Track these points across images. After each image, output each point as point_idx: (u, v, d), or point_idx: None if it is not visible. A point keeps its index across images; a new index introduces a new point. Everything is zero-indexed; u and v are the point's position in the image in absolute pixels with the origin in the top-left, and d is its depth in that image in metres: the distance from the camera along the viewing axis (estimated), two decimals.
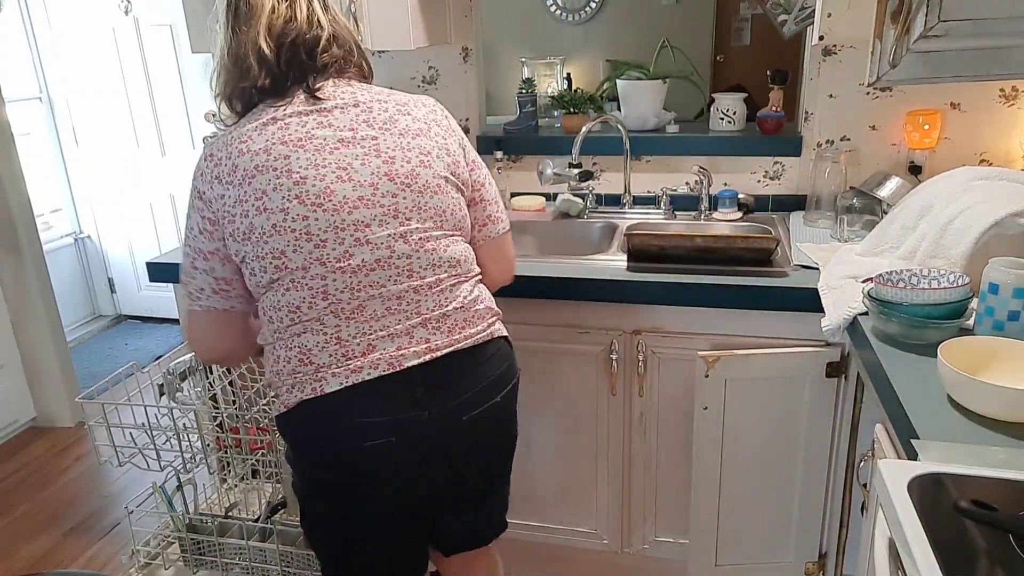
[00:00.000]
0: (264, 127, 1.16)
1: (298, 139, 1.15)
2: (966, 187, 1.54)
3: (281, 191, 1.13)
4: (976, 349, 1.16)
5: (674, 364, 1.79)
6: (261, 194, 1.13)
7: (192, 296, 1.24)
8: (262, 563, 1.69)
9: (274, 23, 1.18)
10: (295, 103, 1.19)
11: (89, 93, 3.82)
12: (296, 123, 1.17)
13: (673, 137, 2.30)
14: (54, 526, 2.50)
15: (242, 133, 1.17)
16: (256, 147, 1.15)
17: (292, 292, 1.15)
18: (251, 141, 1.15)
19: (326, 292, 1.15)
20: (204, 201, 1.18)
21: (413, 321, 1.18)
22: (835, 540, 1.80)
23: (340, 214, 1.14)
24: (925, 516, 0.82)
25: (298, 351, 1.16)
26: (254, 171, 1.14)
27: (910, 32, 1.33)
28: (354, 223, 1.14)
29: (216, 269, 1.20)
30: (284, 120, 1.17)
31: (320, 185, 1.14)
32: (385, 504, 1.25)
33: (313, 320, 1.15)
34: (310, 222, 1.13)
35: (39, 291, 3.03)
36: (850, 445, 1.69)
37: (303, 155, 1.14)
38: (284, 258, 1.14)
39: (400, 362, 1.16)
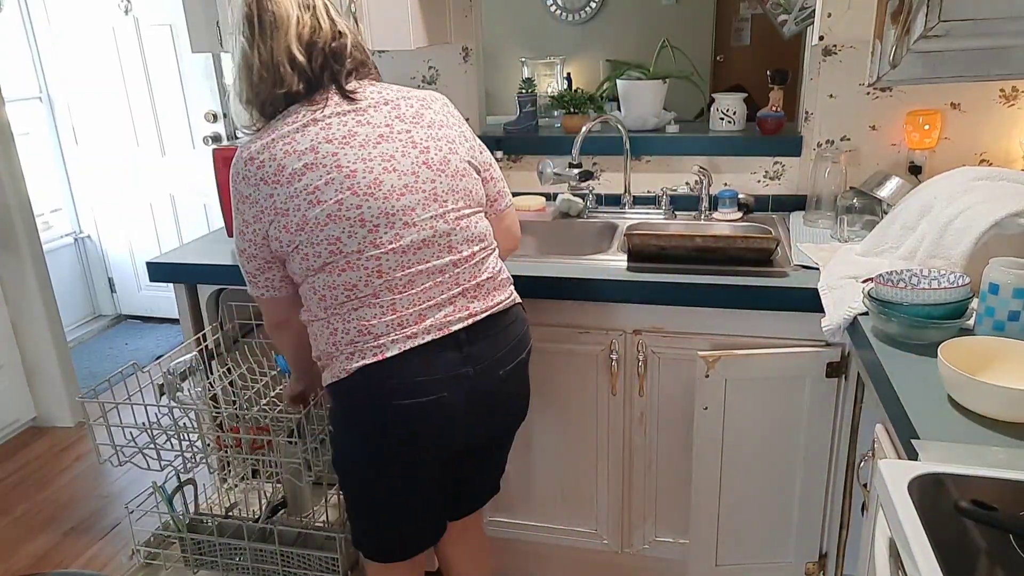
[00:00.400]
0: (305, 128, 1.29)
1: (342, 137, 1.29)
2: (966, 187, 1.54)
3: (334, 184, 1.26)
4: (976, 349, 1.16)
5: (674, 364, 1.79)
6: (313, 189, 1.26)
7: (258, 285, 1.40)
8: (262, 563, 1.69)
9: (302, 32, 1.31)
10: (331, 105, 1.31)
11: (89, 93, 3.82)
12: (337, 123, 1.30)
13: (673, 137, 2.30)
14: (54, 526, 2.50)
15: (283, 135, 1.29)
16: (302, 147, 1.27)
17: (348, 272, 1.28)
18: (295, 142, 1.28)
19: (380, 271, 1.28)
20: (249, 201, 1.31)
21: (455, 291, 1.33)
22: (835, 540, 1.80)
23: (390, 201, 1.28)
24: (925, 516, 0.82)
25: (357, 323, 1.29)
26: (303, 169, 1.27)
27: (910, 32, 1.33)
28: (402, 208, 1.29)
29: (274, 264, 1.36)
30: (325, 121, 1.29)
31: (370, 177, 1.27)
32: (431, 458, 1.40)
33: (369, 296, 1.29)
34: (363, 210, 1.27)
35: (39, 291, 3.03)
36: (850, 445, 1.69)
37: (350, 151, 1.28)
38: (339, 243, 1.27)
39: (447, 327, 1.31)
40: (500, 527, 2.08)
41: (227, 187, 2.03)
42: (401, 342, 1.28)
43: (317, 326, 1.34)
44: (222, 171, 2.04)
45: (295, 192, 1.26)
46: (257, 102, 1.34)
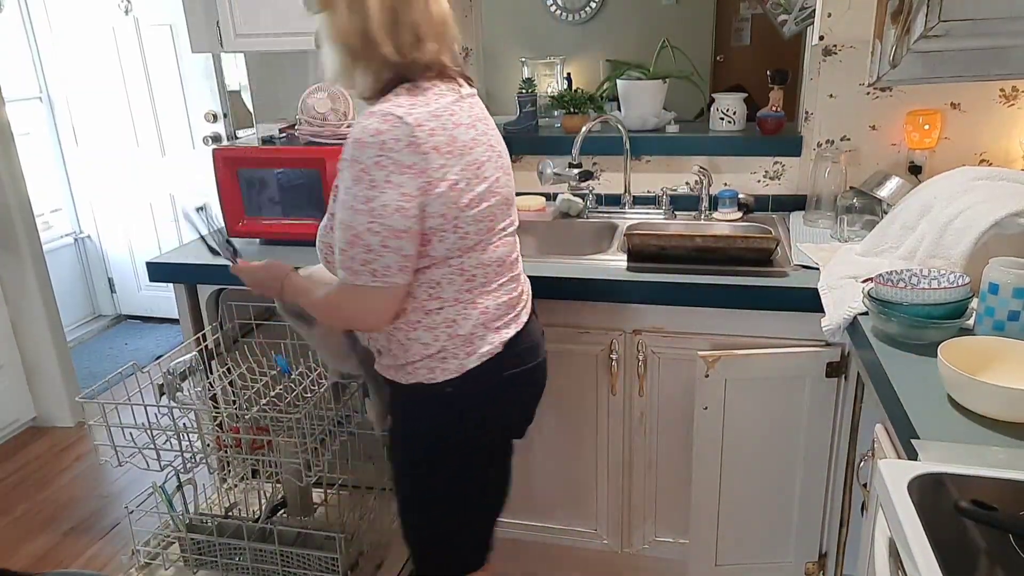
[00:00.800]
0: (458, 104, 1.27)
1: (470, 122, 1.29)
2: (966, 187, 1.54)
3: (492, 162, 1.31)
4: (976, 349, 1.16)
5: (674, 364, 1.79)
6: (479, 165, 1.27)
7: (376, 273, 1.21)
8: (262, 563, 1.69)
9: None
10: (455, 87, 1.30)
11: (89, 93, 3.82)
12: (464, 108, 1.29)
13: (673, 137, 2.30)
14: (54, 526, 2.50)
15: (442, 107, 1.23)
16: (465, 121, 1.27)
17: (500, 248, 1.34)
18: (458, 116, 1.26)
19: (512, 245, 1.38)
20: (414, 171, 1.17)
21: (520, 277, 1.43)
22: (835, 540, 1.80)
23: (509, 187, 1.38)
24: (925, 516, 0.82)
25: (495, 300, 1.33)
26: (471, 143, 1.26)
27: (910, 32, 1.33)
28: (510, 194, 1.39)
29: (405, 248, 1.21)
30: (468, 100, 1.32)
31: (503, 160, 1.36)
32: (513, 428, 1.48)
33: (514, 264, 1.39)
34: (506, 190, 1.36)
35: (39, 291, 3.02)
36: (850, 445, 1.69)
37: (489, 132, 1.34)
38: (494, 220, 1.31)
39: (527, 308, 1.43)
40: (500, 527, 2.08)
41: (227, 187, 2.05)
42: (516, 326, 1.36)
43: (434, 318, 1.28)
44: (222, 171, 2.04)
45: (466, 165, 1.24)
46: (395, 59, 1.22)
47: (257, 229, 2.09)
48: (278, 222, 2.07)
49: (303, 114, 2.05)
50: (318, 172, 1.98)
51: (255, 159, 2.03)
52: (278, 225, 2.07)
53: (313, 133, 2.04)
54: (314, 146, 2.00)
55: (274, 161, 2.02)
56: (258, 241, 2.13)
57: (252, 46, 2.04)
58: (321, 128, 2.03)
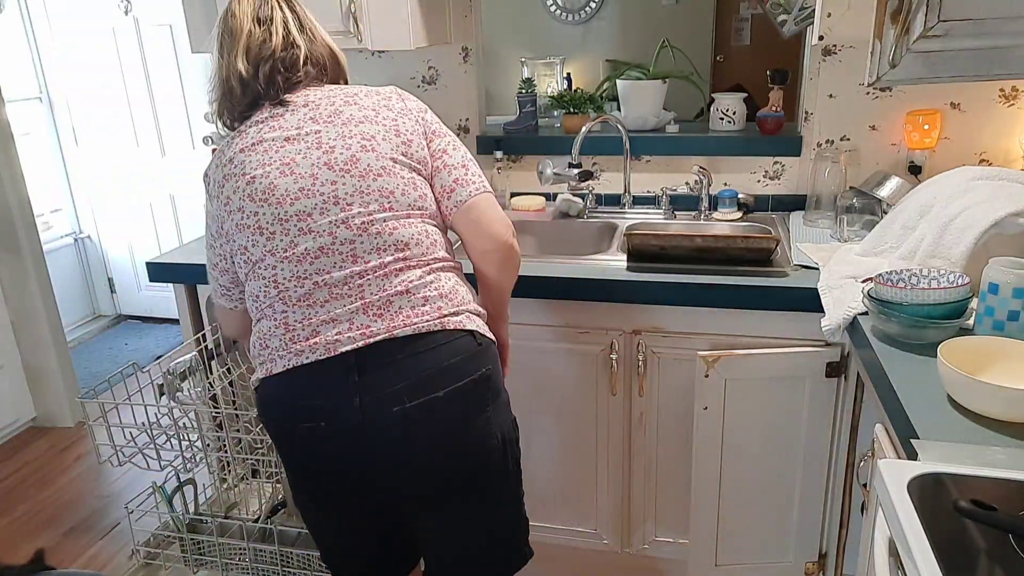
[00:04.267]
0: (232, 140, 1.29)
1: (251, 144, 1.26)
2: (966, 187, 1.54)
3: (239, 192, 1.24)
4: (976, 349, 1.16)
5: (674, 364, 1.79)
6: (227, 199, 1.26)
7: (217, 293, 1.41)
8: (262, 563, 1.69)
9: (251, 45, 1.29)
10: (261, 113, 1.29)
11: (89, 93, 3.82)
12: (253, 131, 1.27)
13: (673, 137, 2.30)
14: (54, 526, 2.50)
15: (223, 148, 1.30)
16: (225, 158, 1.28)
17: (253, 282, 1.26)
18: (221, 154, 1.29)
19: (276, 281, 1.22)
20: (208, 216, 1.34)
21: (354, 306, 1.20)
22: (835, 540, 1.80)
23: (283, 206, 1.21)
24: (925, 516, 0.82)
25: (259, 335, 1.26)
26: (223, 180, 1.27)
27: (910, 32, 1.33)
28: (296, 213, 1.21)
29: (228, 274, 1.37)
30: (245, 131, 1.28)
31: (265, 182, 1.22)
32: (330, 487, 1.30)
33: (267, 307, 1.24)
34: (260, 217, 1.22)
35: (39, 291, 3.02)
36: (850, 445, 1.69)
37: (254, 157, 1.25)
38: (247, 252, 1.25)
39: (335, 347, 1.18)
40: None
41: None
42: (288, 359, 1.20)
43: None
44: None
45: (220, 204, 1.28)
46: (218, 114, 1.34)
47: None
48: None
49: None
50: None
51: None
52: None
53: None
54: None
55: None
56: None
57: None
58: None
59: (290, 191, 1.21)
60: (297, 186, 1.21)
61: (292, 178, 1.22)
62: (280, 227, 1.21)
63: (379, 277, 1.20)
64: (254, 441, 1.62)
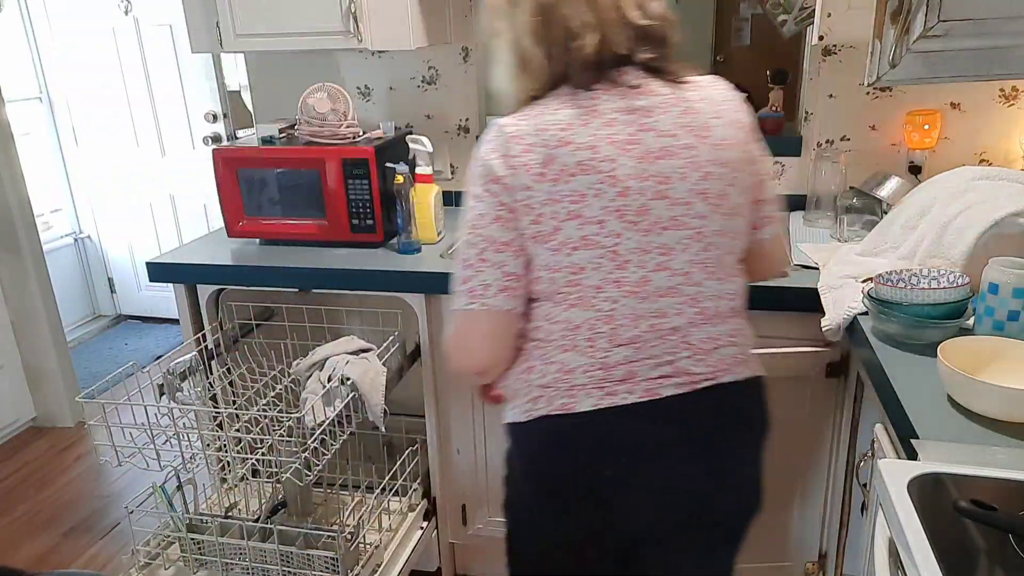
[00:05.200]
0: (588, 118, 1.04)
1: (624, 141, 1.04)
2: (966, 187, 1.54)
3: (603, 199, 1.02)
4: (976, 349, 1.16)
5: None
6: (579, 197, 1.03)
7: (473, 293, 1.09)
8: (262, 563, 1.69)
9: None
10: (614, 96, 1.06)
11: (89, 93, 3.82)
12: (623, 121, 1.05)
13: None
14: (54, 526, 2.50)
15: (558, 120, 1.04)
16: (581, 141, 1.03)
17: (576, 311, 1.07)
18: (574, 132, 1.03)
19: (611, 317, 1.06)
20: (503, 187, 1.05)
21: (681, 353, 1.08)
22: (835, 540, 1.80)
23: (650, 235, 1.04)
24: (925, 516, 0.82)
25: (559, 367, 1.09)
26: (576, 168, 1.02)
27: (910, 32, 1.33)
28: (660, 246, 1.05)
29: (508, 263, 1.07)
30: (609, 116, 1.05)
31: (640, 200, 1.03)
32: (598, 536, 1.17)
33: (585, 341, 1.07)
34: (621, 240, 1.04)
35: (39, 291, 3.02)
36: (850, 445, 1.69)
37: (629, 162, 1.03)
38: (582, 274, 1.05)
39: (658, 391, 1.07)
40: (500, 527, 2.08)
41: (227, 187, 2.05)
42: (596, 397, 1.06)
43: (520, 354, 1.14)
44: (222, 171, 2.04)
45: (558, 195, 1.03)
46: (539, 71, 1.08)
47: (257, 229, 2.09)
48: (278, 222, 2.07)
49: (303, 114, 2.05)
50: (318, 172, 1.98)
51: (255, 159, 2.03)
52: (278, 225, 2.07)
53: (313, 133, 2.04)
54: (314, 146, 2.00)
55: (274, 161, 2.02)
56: (258, 241, 2.13)
57: (252, 46, 2.04)
58: (321, 128, 2.03)
59: (662, 218, 1.04)
60: (670, 213, 1.04)
61: (667, 202, 1.04)
62: (637, 258, 1.04)
63: (711, 324, 1.10)
64: (254, 441, 1.62)
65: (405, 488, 1.99)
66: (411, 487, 2.00)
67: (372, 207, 1.97)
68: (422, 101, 2.40)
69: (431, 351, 1.92)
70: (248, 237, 2.12)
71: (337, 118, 2.04)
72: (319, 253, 2.00)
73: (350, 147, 1.97)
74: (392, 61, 2.39)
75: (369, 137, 2.06)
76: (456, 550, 2.19)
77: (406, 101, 2.40)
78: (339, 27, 1.93)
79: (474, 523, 2.10)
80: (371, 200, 1.97)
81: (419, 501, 2.01)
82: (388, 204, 2.00)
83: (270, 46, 2.02)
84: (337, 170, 1.96)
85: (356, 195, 1.97)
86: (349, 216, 1.99)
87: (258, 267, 1.94)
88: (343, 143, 2.01)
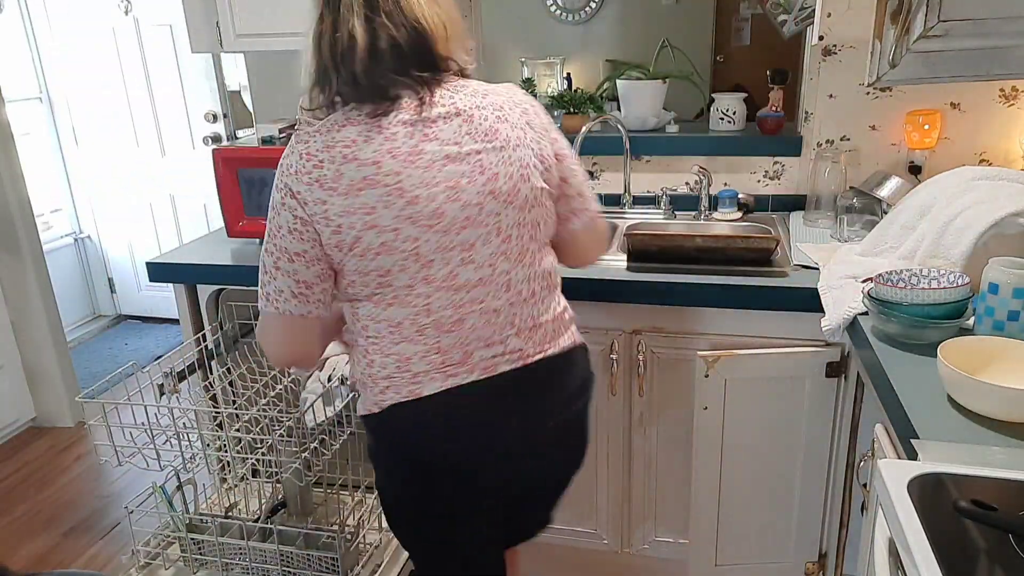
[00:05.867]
0: (370, 135, 1.12)
1: (407, 153, 1.12)
2: (966, 187, 1.54)
3: (393, 209, 1.11)
4: (976, 349, 1.16)
5: (674, 364, 1.79)
6: (370, 209, 1.11)
7: (269, 297, 1.20)
8: (262, 563, 1.69)
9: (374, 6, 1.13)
10: (400, 111, 1.14)
11: (89, 93, 3.82)
12: (403, 134, 1.13)
13: (673, 137, 2.30)
14: (54, 526, 2.50)
15: (345, 137, 1.13)
16: (364, 157, 1.11)
17: (395, 308, 1.17)
18: (358, 148, 1.12)
19: (429, 309, 1.16)
20: (299, 201, 1.14)
21: (508, 332, 1.20)
22: (835, 540, 1.80)
23: (449, 235, 1.14)
24: (925, 516, 0.82)
25: (396, 358, 1.18)
26: (362, 183, 1.11)
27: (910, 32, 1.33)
28: (460, 243, 1.15)
29: (300, 272, 1.17)
30: (390, 130, 1.13)
31: (432, 206, 1.12)
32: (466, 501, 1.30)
33: (414, 333, 1.17)
34: (420, 243, 1.13)
35: (39, 291, 3.03)
36: (850, 445, 1.69)
37: (414, 172, 1.12)
38: (389, 276, 1.15)
39: (494, 368, 1.19)
40: None
41: (227, 187, 2.05)
42: (440, 381, 1.18)
43: (357, 351, 1.24)
44: (222, 171, 2.04)
45: (351, 207, 1.11)
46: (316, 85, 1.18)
47: (257, 229, 2.09)
48: None
49: (303, 114, 2.05)
50: None
51: (255, 159, 2.03)
52: None
53: None
54: None
55: (274, 161, 2.00)
56: (258, 241, 2.13)
57: (252, 46, 2.04)
58: None
59: (457, 219, 1.14)
60: (464, 214, 1.14)
61: (459, 204, 1.13)
62: (441, 256, 1.14)
63: (531, 304, 1.22)
64: (254, 441, 1.62)
65: None
66: None
67: None
68: None
69: None
70: (248, 237, 2.12)
71: None
72: None
73: None
74: None
75: None
76: None
77: None
78: None
79: None
80: None
81: None
82: None
83: (270, 46, 2.02)
84: None
85: None
86: None
87: (258, 267, 1.94)
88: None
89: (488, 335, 1.19)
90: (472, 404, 1.20)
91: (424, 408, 1.19)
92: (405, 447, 1.25)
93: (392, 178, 1.11)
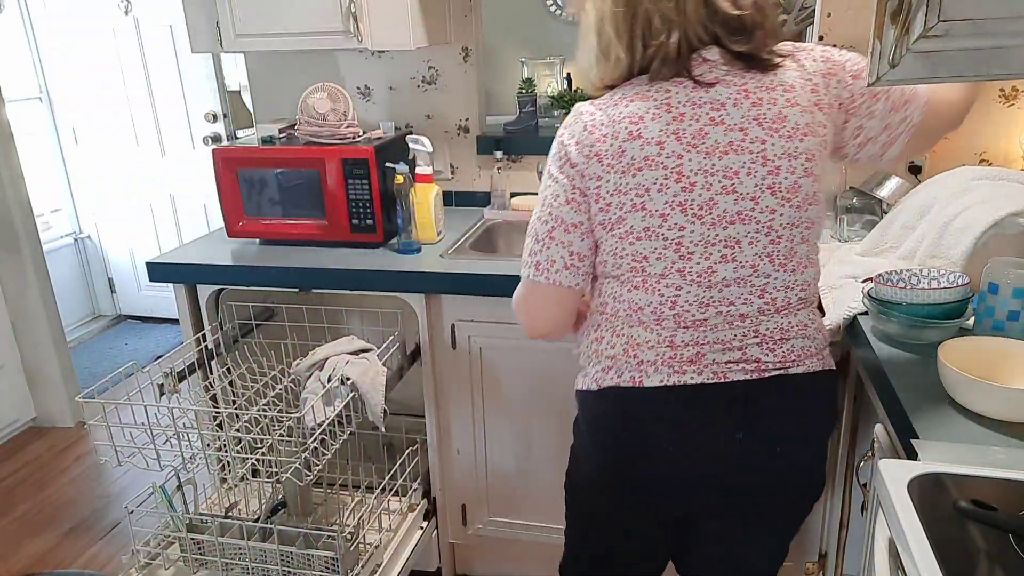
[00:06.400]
0: (659, 112, 1.07)
1: (692, 136, 1.06)
2: (966, 187, 1.54)
3: (667, 194, 1.07)
4: (976, 349, 1.16)
5: None
6: (644, 191, 1.07)
7: (539, 267, 1.16)
8: (262, 563, 1.69)
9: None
10: (685, 88, 1.08)
11: (89, 93, 3.82)
12: (690, 115, 1.07)
13: None
14: (54, 526, 2.50)
15: (632, 112, 1.08)
16: (649, 136, 1.06)
17: (640, 292, 1.12)
18: (644, 126, 1.07)
19: (675, 302, 1.11)
20: (578, 172, 1.11)
21: (750, 340, 1.12)
22: (835, 540, 1.80)
23: (716, 229, 1.08)
24: (925, 516, 0.82)
25: (626, 340, 1.14)
26: (643, 163, 1.07)
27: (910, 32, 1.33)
28: (726, 239, 1.08)
29: (575, 243, 1.14)
30: (678, 110, 1.07)
31: (705, 195, 1.07)
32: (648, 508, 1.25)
33: (652, 321, 1.12)
34: (684, 233, 1.08)
35: (39, 291, 3.03)
36: (850, 445, 1.69)
37: (695, 157, 1.06)
38: (645, 262, 1.10)
39: (726, 374, 1.11)
40: (500, 527, 2.08)
41: (227, 187, 2.05)
42: (665, 374, 1.11)
43: (590, 324, 1.22)
44: (222, 171, 2.04)
45: (625, 187, 1.07)
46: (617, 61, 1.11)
47: (257, 229, 2.09)
48: (278, 222, 2.07)
49: (303, 114, 2.05)
50: (318, 172, 1.99)
51: (255, 159, 2.03)
52: (278, 225, 2.07)
53: (313, 133, 2.04)
54: (314, 146, 2.01)
55: (274, 161, 2.02)
56: (258, 241, 2.13)
57: (252, 46, 2.04)
58: (321, 128, 2.04)
59: (728, 212, 1.07)
60: (736, 208, 1.07)
61: (733, 197, 1.07)
62: (702, 249, 1.08)
63: (781, 315, 1.13)
64: (254, 441, 1.62)
65: (405, 488, 1.99)
66: (411, 487, 2.00)
67: (372, 207, 1.98)
68: (422, 101, 2.40)
69: (431, 351, 1.92)
70: (248, 237, 2.12)
71: (337, 118, 2.04)
72: (319, 253, 2.01)
73: (350, 147, 1.98)
74: (392, 61, 2.39)
75: (369, 137, 2.07)
76: (456, 550, 2.19)
77: (406, 101, 2.41)
78: (339, 27, 1.93)
79: (474, 523, 2.10)
80: (371, 200, 1.97)
81: (419, 501, 2.01)
82: (388, 204, 2.00)
83: (270, 46, 2.02)
84: (337, 170, 1.96)
85: (356, 195, 1.97)
86: (349, 216, 2.00)
87: (258, 267, 1.94)
88: (343, 143, 2.01)
89: (728, 339, 1.11)
90: (694, 407, 1.12)
91: (644, 398, 1.13)
92: (612, 431, 1.19)
93: (673, 160, 1.06)
